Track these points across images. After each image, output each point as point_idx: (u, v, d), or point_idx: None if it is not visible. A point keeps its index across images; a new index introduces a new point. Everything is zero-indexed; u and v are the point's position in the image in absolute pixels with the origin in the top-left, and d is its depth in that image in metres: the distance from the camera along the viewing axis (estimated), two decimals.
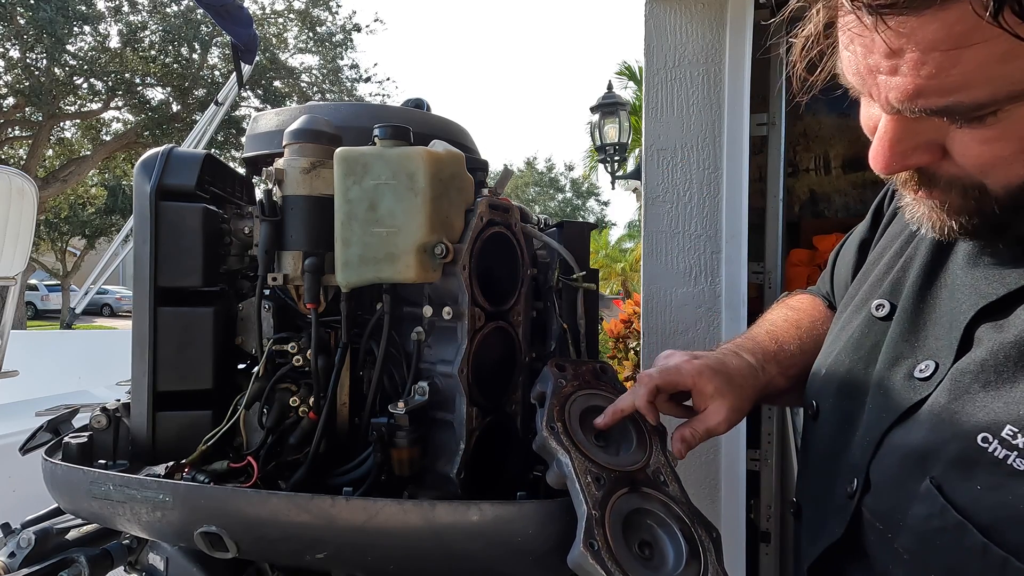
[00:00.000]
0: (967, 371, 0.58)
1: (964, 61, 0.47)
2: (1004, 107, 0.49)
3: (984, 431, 0.53)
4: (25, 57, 13.11)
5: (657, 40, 1.96)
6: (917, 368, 0.64)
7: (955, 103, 0.50)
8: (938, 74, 0.48)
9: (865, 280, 0.81)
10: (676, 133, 1.96)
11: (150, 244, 0.80)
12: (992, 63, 0.47)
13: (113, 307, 21.59)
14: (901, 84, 0.51)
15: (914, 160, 0.56)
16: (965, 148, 0.54)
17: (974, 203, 0.57)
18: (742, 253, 1.94)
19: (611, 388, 0.85)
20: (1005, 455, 0.51)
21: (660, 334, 1.99)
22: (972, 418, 0.55)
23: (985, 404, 0.55)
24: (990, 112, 0.50)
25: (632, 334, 5.45)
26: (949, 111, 0.51)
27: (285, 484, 0.78)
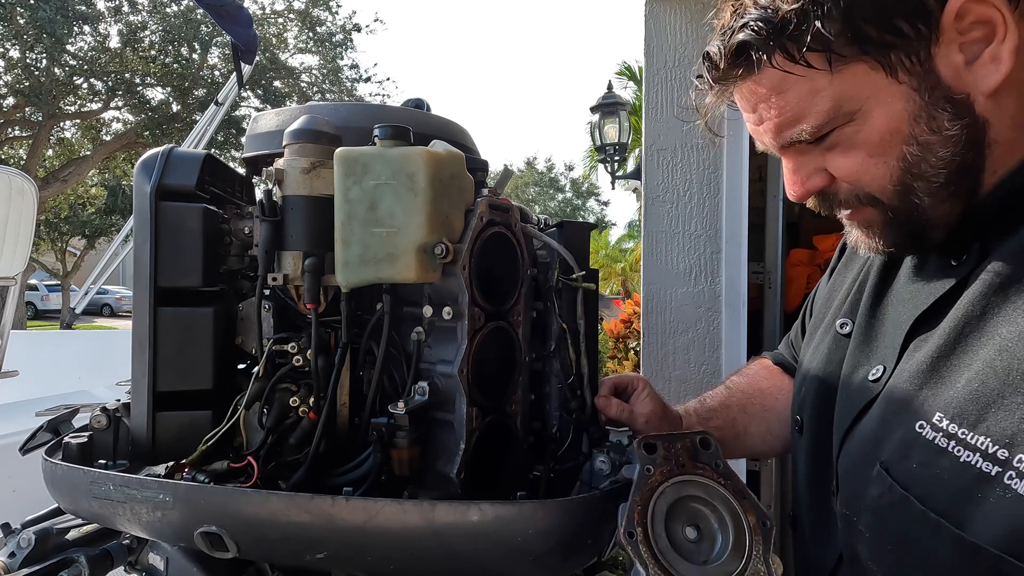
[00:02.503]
0: (906, 371, 0.68)
1: (790, 100, 0.66)
2: (835, 127, 0.66)
3: (920, 419, 0.63)
4: (25, 57, 13.10)
5: (657, 40, 1.96)
6: (870, 372, 0.74)
7: (801, 130, 0.67)
8: (781, 113, 0.67)
9: (831, 303, 0.93)
10: (676, 133, 1.96)
11: (150, 244, 0.80)
12: (805, 98, 0.65)
13: (113, 307, 21.59)
14: (767, 128, 0.70)
15: (811, 184, 0.72)
16: (836, 165, 0.69)
17: (878, 213, 0.70)
18: (742, 253, 1.94)
19: (710, 471, 0.71)
20: (934, 436, 0.60)
21: (660, 334, 1.99)
22: (910, 409, 0.65)
23: (920, 397, 0.64)
24: (828, 133, 0.66)
25: (632, 334, 5.45)
26: (802, 137, 0.67)
27: (285, 484, 0.78)
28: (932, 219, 0.67)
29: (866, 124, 0.65)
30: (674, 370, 1.98)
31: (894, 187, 0.66)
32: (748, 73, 0.67)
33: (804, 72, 0.64)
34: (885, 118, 0.64)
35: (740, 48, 0.65)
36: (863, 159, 0.66)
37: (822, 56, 0.63)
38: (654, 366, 1.98)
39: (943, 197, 0.66)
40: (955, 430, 0.59)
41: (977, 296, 0.63)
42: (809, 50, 0.62)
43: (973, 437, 0.57)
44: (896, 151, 0.65)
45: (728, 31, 0.67)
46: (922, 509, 0.60)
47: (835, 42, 0.61)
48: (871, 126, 0.64)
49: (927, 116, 0.63)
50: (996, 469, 0.54)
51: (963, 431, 0.58)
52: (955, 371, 0.62)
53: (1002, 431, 0.55)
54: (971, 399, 0.59)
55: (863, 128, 0.65)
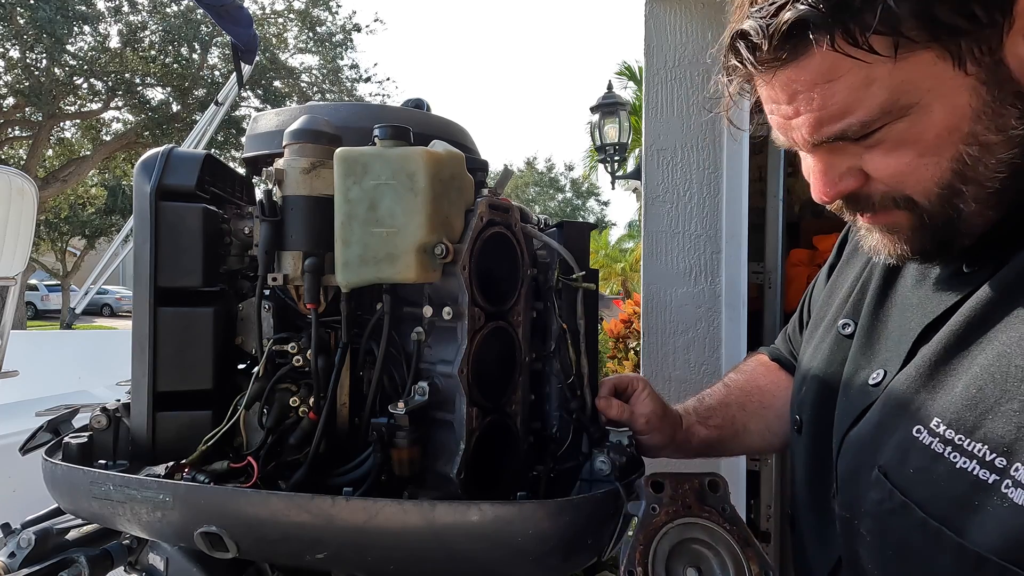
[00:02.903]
0: (907, 377, 0.66)
1: (839, 91, 0.59)
2: (886, 123, 0.59)
3: (918, 424, 0.61)
4: (25, 57, 13.10)
5: (657, 40, 1.96)
6: (871, 376, 0.72)
7: (847, 125, 0.60)
8: (825, 105, 0.60)
9: (832, 302, 0.91)
10: (676, 133, 1.96)
11: (150, 244, 0.79)
12: (858, 88, 0.58)
13: (113, 307, 21.59)
14: (804, 121, 0.62)
15: (844, 185, 0.65)
16: (876, 165, 0.63)
17: (912, 217, 0.64)
18: (742, 253, 1.94)
19: (716, 515, 0.70)
20: (931, 442, 0.59)
21: (660, 334, 1.99)
22: (908, 414, 0.63)
23: (918, 402, 0.63)
24: (877, 129, 0.60)
25: (632, 334, 5.45)
26: (846, 134, 0.61)
27: (285, 484, 0.78)
28: (969, 227, 0.63)
29: (922, 120, 0.58)
30: (674, 370, 1.98)
31: (940, 191, 0.61)
32: (795, 56, 0.58)
33: (863, 58, 0.56)
34: (945, 114, 0.57)
35: (794, 26, 0.56)
36: (911, 159, 0.60)
37: (887, 40, 0.55)
38: (654, 366, 1.98)
39: (990, 204, 0.61)
40: (952, 436, 0.57)
41: (982, 303, 0.61)
42: (875, 32, 0.54)
43: (970, 444, 0.56)
44: (951, 151, 0.59)
45: (772, 5, 0.57)
46: (923, 516, 0.58)
47: (904, 24, 0.54)
48: (927, 122, 0.58)
49: (992, 113, 0.57)
50: (993, 477, 0.53)
51: (960, 437, 0.57)
52: (954, 377, 0.61)
53: (999, 438, 0.54)
54: (969, 405, 0.57)
55: (917, 124, 0.58)
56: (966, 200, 0.61)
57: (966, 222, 0.62)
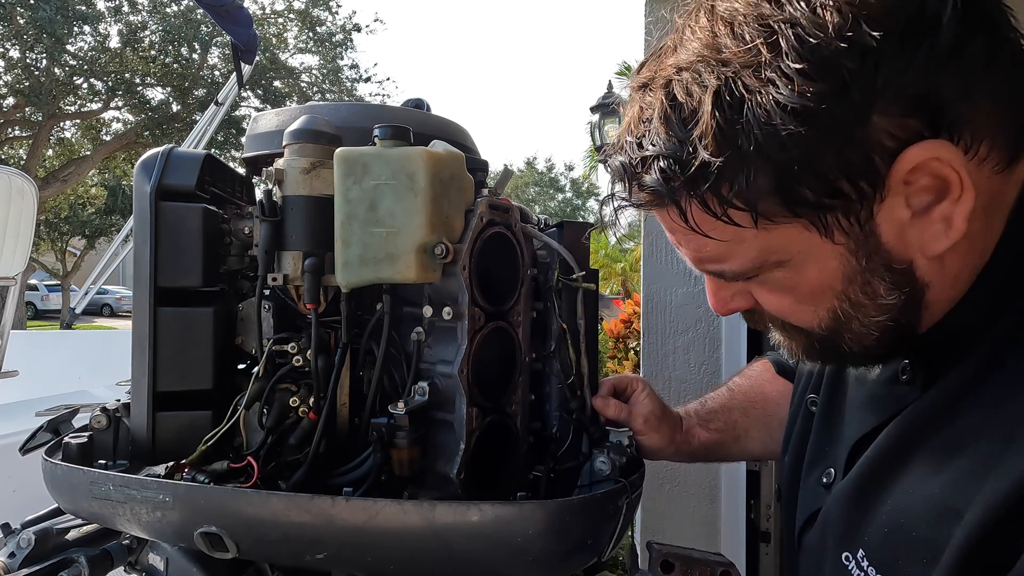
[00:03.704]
0: (842, 492, 0.65)
1: (709, 243, 0.57)
2: (762, 271, 0.58)
3: (846, 550, 0.61)
4: (25, 57, 13.10)
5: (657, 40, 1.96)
6: (824, 474, 0.71)
7: (724, 270, 0.60)
8: (700, 249, 0.59)
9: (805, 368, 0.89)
10: None
11: (150, 244, 0.79)
12: (728, 244, 0.56)
13: (113, 307, 21.58)
14: (685, 254, 0.62)
15: (734, 305, 0.66)
16: (761, 298, 0.63)
17: (803, 339, 0.64)
18: None
19: None
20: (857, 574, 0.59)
21: (660, 334, 1.99)
22: (839, 535, 0.63)
23: (848, 525, 0.63)
24: (753, 275, 0.59)
25: (632, 334, 5.45)
26: (724, 275, 0.61)
27: (285, 484, 0.78)
28: (862, 353, 0.62)
29: (796, 274, 0.58)
30: (674, 370, 1.98)
31: (822, 331, 0.61)
32: (663, 205, 0.57)
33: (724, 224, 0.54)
34: (817, 273, 0.57)
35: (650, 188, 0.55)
36: (791, 303, 0.60)
37: (747, 215, 0.53)
38: (654, 366, 1.98)
39: (873, 343, 0.60)
40: (873, 573, 0.57)
41: (906, 426, 0.60)
42: (731, 207, 0.53)
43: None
44: (827, 303, 0.58)
45: (639, 153, 0.55)
46: None
47: (763, 202, 0.52)
48: (802, 277, 0.58)
49: (862, 280, 0.56)
50: None
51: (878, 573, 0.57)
52: (876, 503, 0.60)
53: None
54: (885, 541, 0.57)
55: (793, 276, 0.58)
56: (847, 341, 0.61)
57: (856, 351, 0.62)
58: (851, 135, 0.49)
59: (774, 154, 0.49)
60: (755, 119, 0.49)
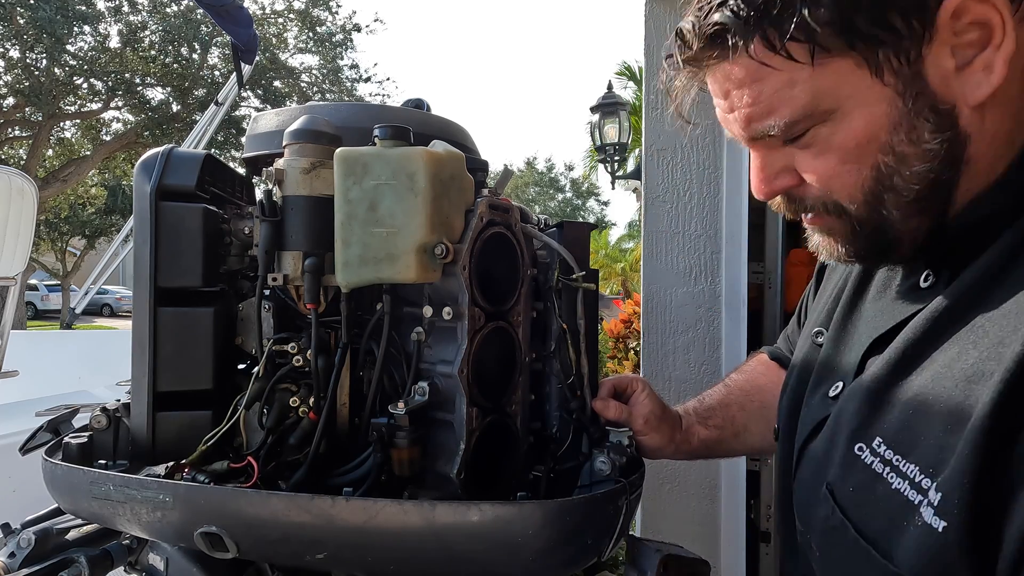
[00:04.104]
0: (854, 392, 0.66)
1: (764, 91, 0.61)
2: (810, 125, 0.61)
3: (860, 442, 0.61)
4: (25, 57, 13.10)
5: (657, 40, 1.96)
6: (831, 388, 0.72)
7: (773, 123, 0.62)
8: (754, 103, 0.62)
9: (817, 308, 0.92)
10: (676, 133, 1.96)
11: (150, 244, 0.79)
12: (782, 90, 0.60)
13: (113, 307, 21.58)
14: (737, 116, 0.65)
15: (779, 183, 0.68)
16: (805, 166, 0.65)
17: (843, 223, 0.66)
18: (742, 253, 1.94)
19: None
20: (872, 461, 0.59)
21: (660, 334, 1.99)
22: (853, 430, 0.63)
23: (863, 419, 0.63)
24: (802, 132, 0.62)
25: (632, 334, 5.45)
26: (774, 131, 0.63)
27: (285, 484, 0.78)
28: (899, 234, 0.64)
29: (842, 126, 0.60)
30: (674, 370, 1.98)
31: (864, 197, 0.63)
32: (724, 57, 0.61)
33: (783, 63, 0.59)
34: (864, 122, 0.59)
35: (716, 30, 0.60)
36: (835, 164, 0.62)
37: (805, 47, 0.57)
38: (654, 366, 1.98)
39: (912, 212, 0.62)
40: (891, 456, 0.58)
41: (928, 319, 0.62)
42: (791, 39, 0.57)
43: (905, 464, 0.56)
44: (871, 160, 0.61)
45: (705, 7, 0.61)
46: (855, 536, 0.59)
47: (821, 33, 0.56)
48: (848, 129, 0.60)
49: (908, 125, 0.59)
50: (919, 498, 0.53)
51: (898, 457, 0.57)
52: (896, 394, 0.61)
53: (927, 461, 0.54)
54: (905, 426, 0.58)
55: (839, 130, 0.61)
56: (887, 208, 0.62)
57: (894, 230, 0.63)
58: None
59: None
60: None
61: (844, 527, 0.60)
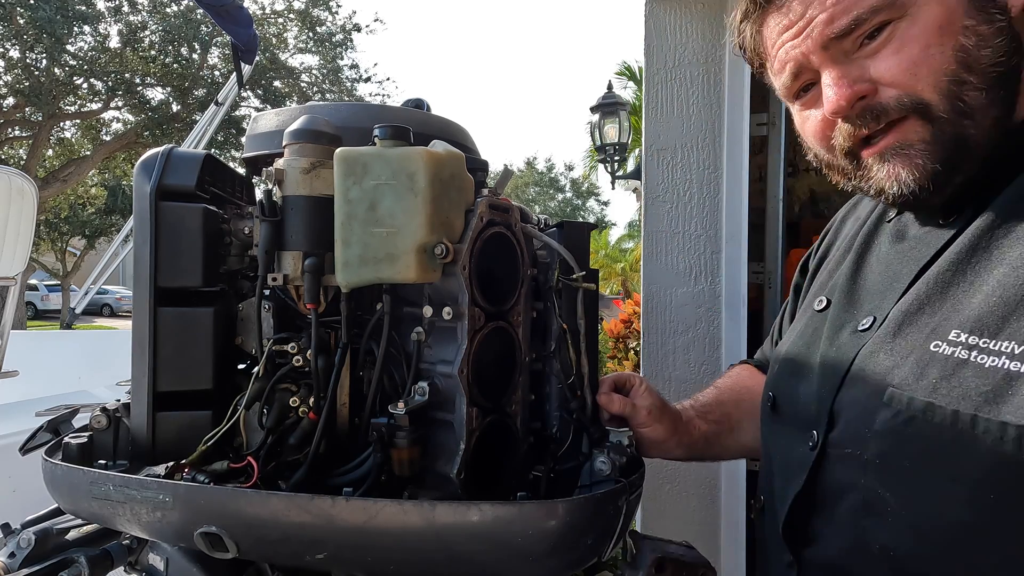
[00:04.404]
0: (905, 308, 0.71)
1: None
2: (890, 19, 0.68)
3: (935, 340, 0.66)
4: (25, 57, 13.10)
5: (657, 40, 1.96)
6: (859, 325, 0.77)
7: (856, 16, 0.69)
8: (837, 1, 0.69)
9: (806, 298, 0.99)
10: (676, 133, 1.96)
11: (150, 244, 0.79)
12: None
13: (113, 307, 21.59)
14: (818, 22, 0.70)
15: (857, 88, 0.71)
16: (887, 65, 0.69)
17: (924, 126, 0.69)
18: (742, 253, 1.94)
19: None
20: (952, 351, 0.64)
21: (660, 334, 1.99)
22: (920, 333, 0.68)
23: (928, 324, 0.68)
24: (883, 25, 0.68)
25: (632, 334, 5.46)
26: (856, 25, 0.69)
27: (285, 484, 0.78)
28: (975, 135, 0.68)
29: (920, 17, 0.67)
30: (674, 370, 1.98)
31: (948, 84, 0.67)
32: None
33: None
34: (940, 9, 0.67)
35: None
36: (919, 51, 0.67)
37: None
38: (654, 366, 1.98)
39: (995, 97, 0.67)
40: (976, 341, 0.62)
41: (975, 236, 0.68)
42: None
43: (996, 344, 0.60)
44: (952, 40, 0.67)
45: None
46: (953, 410, 0.61)
47: None
48: (926, 18, 0.67)
49: (978, 10, 0.67)
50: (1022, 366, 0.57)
51: (984, 341, 0.61)
52: (966, 294, 0.65)
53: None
54: (989, 312, 0.62)
55: (918, 21, 0.67)
56: (974, 87, 0.67)
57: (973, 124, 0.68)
58: None
59: None
60: None
61: (930, 411, 0.63)
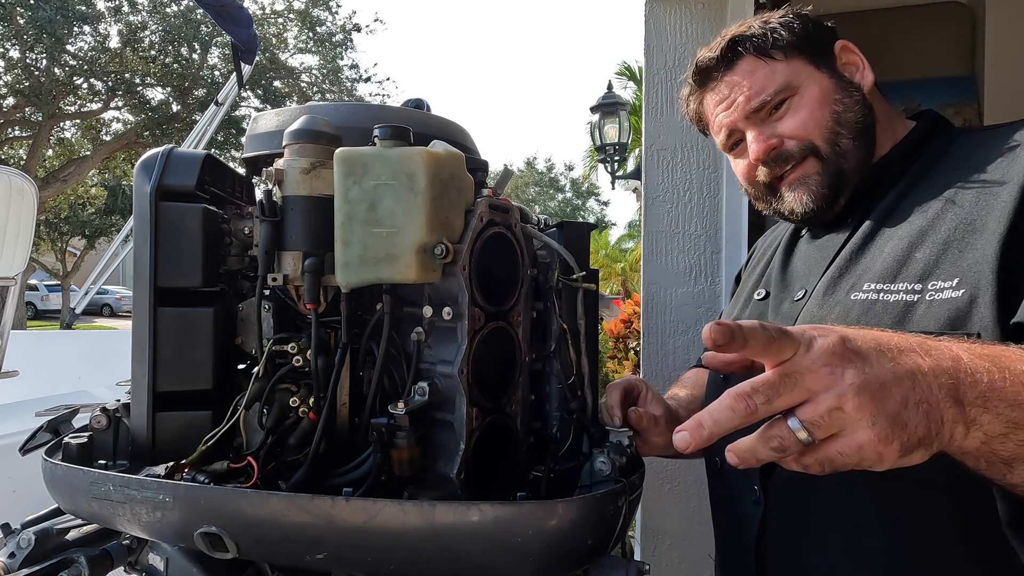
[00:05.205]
0: (828, 277, 0.95)
1: (758, 78, 1.02)
2: (786, 97, 1.01)
3: (853, 292, 0.89)
4: (25, 57, 13.10)
5: (657, 40, 1.96)
6: (794, 297, 1.01)
7: (766, 95, 1.01)
8: (751, 87, 1.02)
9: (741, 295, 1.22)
10: (676, 133, 1.96)
11: (150, 244, 0.79)
12: (768, 77, 1.01)
13: (113, 307, 21.59)
14: (740, 101, 1.03)
15: (771, 142, 1.01)
16: (787, 126, 1.01)
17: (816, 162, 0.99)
18: (742, 253, 1.94)
19: None
20: (866, 296, 0.87)
21: (660, 334, 1.99)
22: (842, 292, 0.91)
23: (847, 283, 0.91)
24: (781, 102, 1.01)
25: (632, 334, 5.45)
26: (766, 101, 1.01)
27: (285, 484, 0.78)
28: (852, 164, 0.98)
29: (806, 93, 1.00)
30: (674, 370, 1.97)
31: (828, 131, 0.98)
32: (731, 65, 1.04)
33: (767, 62, 1.01)
34: (818, 89, 1.00)
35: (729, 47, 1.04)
36: (807, 113, 0.99)
37: (780, 52, 1.01)
38: (654, 366, 1.98)
39: (859, 143, 0.98)
40: (881, 287, 0.85)
41: (875, 220, 0.94)
42: (773, 48, 1.01)
43: (895, 286, 0.84)
44: (828, 107, 0.99)
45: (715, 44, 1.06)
46: None
47: (786, 46, 1.01)
48: (810, 94, 1.00)
49: (842, 89, 1.00)
50: (916, 296, 0.81)
51: (886, 285, 0.85)
52: (872, 259, 0.90)
53: (913, 276, 0.83)
54: (887, 268, 0.86)
55: (804, 96, 1.00)
56: (845, 137, 0.98)
57: (847, 161, 0.98)
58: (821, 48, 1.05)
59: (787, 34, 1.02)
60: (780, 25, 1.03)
61: None
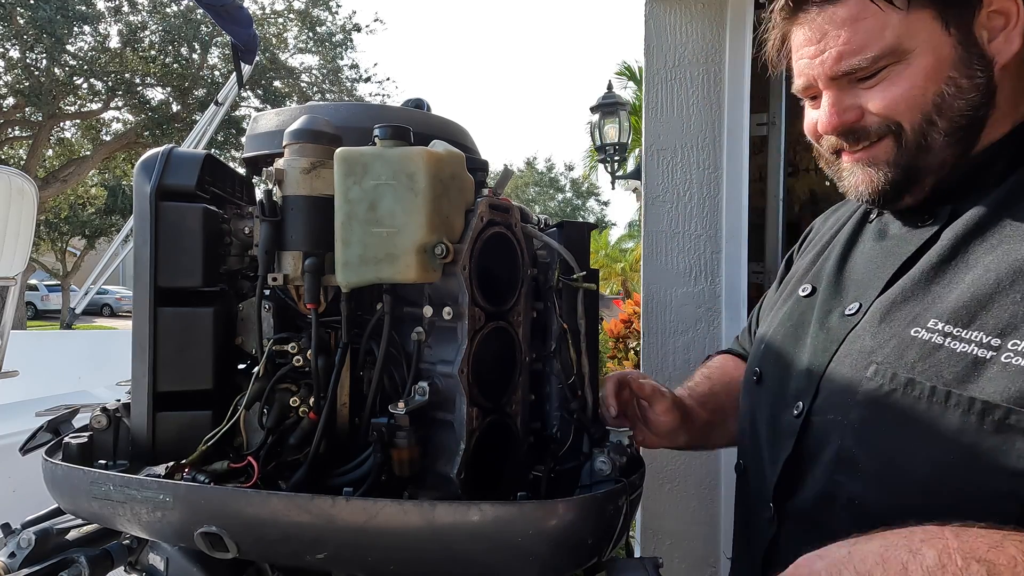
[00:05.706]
0: (889, 298, 0.81)
1: (860, 30, 0.78)
2: (889, 63, 0.78)
3: (915, 326, 0.76)
4: (25, 57, 13.10)
5: (657, 40, 1.96)
6: (845, 310, 0.87)
7: (863, 59, 0.79)
8: (849, 40, 0.79)
9: (788, 284, 1.06)
10: (676, 133, 1.96)
11: (150, 244, 0.79)
12: (876, 31, 0.78)
13: (113, 307, 21.59)
14: (829, 56, 0.81)
15: (847, 116, 0.83)
16: (876, 99, 0.81)
17: (894, 144, 0.81)
18: (742, 253, 1.94)
19: None
20: (930, 337, 0.74)
21: (660, 334, 1.99)
22: (902, 321, 0.78)
23: (910, 312, 0.78)
24: (882, 68, 0.79)
25: (632, 334, 5.46)
26: (861, 66, 0.79)
27: (285, 484, 0.78)
28: (933, 163, 0.81)
29: (915, 63, 0.78)
30: (674, 370, 1.98)
31: (923, 117, 0.79)
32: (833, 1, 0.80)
33: (883, 7, 0.77)
34: (934, 58, 0.77)
35: None
36: (905, 90, 0.78)
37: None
38: (654, 366, 1.98)
39: (953, 141, 0.79)
40: (950, 330, 0.72)
41: (954, 239, 0.78)
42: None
43: (967, 333, 0.71)
44: (935, 87, 0.78)
45: None
46: (931, 386, 0.71)
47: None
48: (919, 65, 0.78)
49: (964, 64, 0.78)
50: (991, 353, 0.68)
51: (957, 330, 0.72)
52: (944, 290, 0.76)
53: (992, 327, 0.69)
54: (963, 307, 0.72)
55: (912, 66, 0.78)
56: (938, 131, 0.79)
57: (932, 155, 0.80)
58: None
59: None
60: None
61: (910, 385, 0.73)
